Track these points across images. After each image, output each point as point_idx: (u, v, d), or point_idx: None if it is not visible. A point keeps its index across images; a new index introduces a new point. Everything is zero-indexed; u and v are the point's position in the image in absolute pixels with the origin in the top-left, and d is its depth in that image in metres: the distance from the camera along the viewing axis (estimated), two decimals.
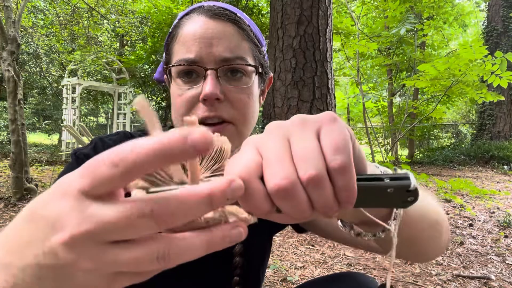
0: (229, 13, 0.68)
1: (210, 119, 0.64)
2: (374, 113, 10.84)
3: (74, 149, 0.76)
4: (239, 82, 0.66)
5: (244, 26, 0.68)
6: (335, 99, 5.10)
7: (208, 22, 0.65)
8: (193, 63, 0.64)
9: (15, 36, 4.23)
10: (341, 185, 0.30)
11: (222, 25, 0.66)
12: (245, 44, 0.67)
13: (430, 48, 11.93)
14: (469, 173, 7.83)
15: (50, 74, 13.15)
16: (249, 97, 0.67)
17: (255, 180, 0.29)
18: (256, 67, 0.68)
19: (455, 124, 16.08)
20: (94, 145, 0.70)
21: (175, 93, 0.67)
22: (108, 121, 19.36)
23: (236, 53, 0.65)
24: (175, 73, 0.67)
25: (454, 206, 4.25)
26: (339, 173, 0.29)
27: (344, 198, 0.30)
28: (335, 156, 0.29)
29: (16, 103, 4.23)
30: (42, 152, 10.33)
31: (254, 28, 0.72)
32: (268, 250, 0.91)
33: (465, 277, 2.32)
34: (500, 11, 11.05)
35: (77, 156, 0.69)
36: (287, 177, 0.28)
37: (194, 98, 0.65)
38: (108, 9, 10.90)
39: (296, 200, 0.29)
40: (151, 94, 7.28)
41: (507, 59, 4.28)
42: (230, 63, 0.64)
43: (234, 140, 0.65)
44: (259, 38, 0.73)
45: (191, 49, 0.64)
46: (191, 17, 0.68)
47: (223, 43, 0.64)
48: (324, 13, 4.78)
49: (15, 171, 4.25)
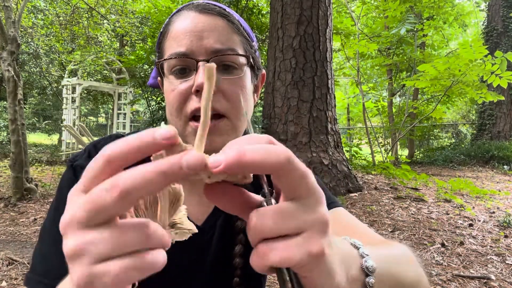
0: (218, 8, 0.68)
1: None
2: (374, 113, 10.85)
3: (68, 158, 0.75)
4: (231, 74, 0.66)
5: (234, 20, 0.69)
6: (335, 99, 5.10)
7: (198, 16, 0.66)
8: (184, 56, 0.64)
9: (15, 36, 4.23)
10: None
11: (212, 19, 0.66)
12: (235, 37, 0.67)
13: (430, 48, 11.93)
14: (469, 173, 7.83)
15: (50, 74, 13.15)
16: (242, 89, 0.67)
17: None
18: (247, 57, 0.68)
19: (455, 124, 16.08)
20: (89, 154, 0.70)
21: (168, 89, 0.67)
22: (108, 121, 19.37)
23: (227, 44, 0.65)
24: (167, 69, 0.67)
25: (454, 206, 4.25)
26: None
27: None
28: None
29: (16, 103, 4.23)
30: (42, 152, 10.34)
31: (244, 24, 0.73)
32: None
33: (465, 277, 2.32)
34: (500, 11, 11.05)
35: (74, 168, 0.68)
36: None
37: (187, 91, 0.64)
38: (108, 9, 10.90)
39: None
40: (151, 94, 7.28)
41: (507, 59, 4.28)
42: (221, 54, 0.64)
43: (229, 135, 0.65)
44: (249, 33, 0.73)
45: (182, 43, 0.64)
46: (181, 14, 0.68)
47: (213, 35, 0.65)
48: (324, 13, 4.78)
49: (15, 171, 4.25)
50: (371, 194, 4.57)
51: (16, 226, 3.54)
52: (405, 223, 3.51)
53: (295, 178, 0.29)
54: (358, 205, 4.04)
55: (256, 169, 0.28)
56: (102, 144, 0.72)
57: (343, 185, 4.49)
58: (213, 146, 0.62)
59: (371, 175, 5.90)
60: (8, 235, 3.31)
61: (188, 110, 0.64)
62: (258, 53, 0.77)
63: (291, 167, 0.28)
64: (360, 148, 7.93)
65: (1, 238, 3.24)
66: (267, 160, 0.27)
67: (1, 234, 3.34)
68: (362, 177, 5.53)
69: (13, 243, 3.09)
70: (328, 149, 4.62)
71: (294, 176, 0.29)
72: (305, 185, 0.29)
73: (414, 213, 3.88)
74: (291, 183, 0.29)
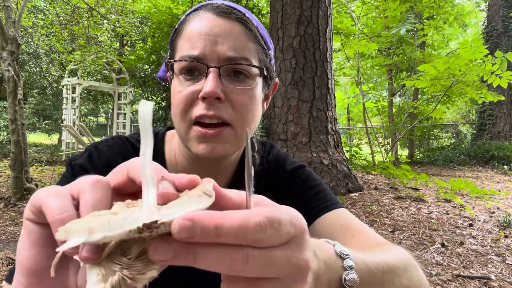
0: (237, 12, 0.66)
1: (208, 118, 0.62)
2: (374, 113, 10.85)
3: (68, 158, 0.75)
4: (242, 83, 0.64)
5: (252, 27, 0.66)
6: (335, 99, 5.10)
7: (215, 19, 0.64)
8: (196, 60, 0.62)
9: (15, 36, 4.23)
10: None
11: (229, 23, 0.64)
12: (251, 45, 0.65)
13: (430, 48, 11.93)
14: (469, 173, 7.83)
15: (50, 74, 13.15)
16: (251, 99, 0.65)
17: None
18: (260, 69, 0.66)
19: (455, 124, 16.08)
20: (89, 154, 0.70)
21: (175, 89, 0.66)
22: (108, 121, 19.37)
23: (241, 53, 0.63)
24: (177, 69, 0.65)
25: (454, 206, 4.25)
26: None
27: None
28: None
29: (16, 103, 4.23)
30: (42, 152, 10.34)
31: (262, 30, 0.70)
32: None
33: (465, 277, 2.32)
34: (500, 11, 11.05)
35: (72, 167, 0.68)
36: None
37: (194, 94, 0.63)
38: (108, 9, 10.90)
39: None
40: (151, 94, 7.28)
41: (507, 59, 4.28)
42: (233, 63, 0.63)
43: (232, 144, 0.64)
44: (266, 41, 0.70)
45: (195, 46, 0.63)
46: (198, 14, 0.66)
47: (228, 41, 0.63)
48: (324, 13, 4.78)
49: (15, 171, 4.25)
50: (371, 194, 4.57)
51: (16, 226, 3.54)
52: (405, 223, 3.52)
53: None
54: (358, 205, 4.04)
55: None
56: (104, 145, 0.72)
57: (343, 185, 4.49)
58: (213, 153, 0.62)
59: (371, 175, 5.90)
60: (8, 235, 3.32)
61: (193, 115, 0.63)
62: (273, 61, 0.75)
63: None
64: (360, 148, 7.93)
65: (1, 238, 3.24)
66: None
67: (1, 234, 3.34)
68: (362, 177, 5.53)
69: (13, 243, 3.10)
70: (328, 149, 4.62)
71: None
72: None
73: (414, 213, 3.88)
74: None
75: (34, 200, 0.33)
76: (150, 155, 0.29)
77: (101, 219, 0.27)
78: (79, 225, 0.27)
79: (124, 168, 0.35)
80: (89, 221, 0.27)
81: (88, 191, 0.31)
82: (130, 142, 0.74)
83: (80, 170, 0.67)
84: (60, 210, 0.30)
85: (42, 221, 0.33)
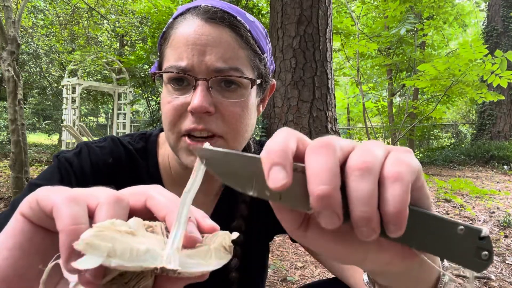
0: (228, 16, 0.62)
1: (198, 131, 0.61)
2: (374, 113, 10.86)
3: (58, 151, 0.73)
4: (233, 93, 0.62)
5: (243, 32, 0.63)
6: (335, 99, 5.11)
7: (203, 26, 0.61)
8: (183, 72, 0.60)
9: (15, 36, 4.23)
10: (389, 196, 0.26)
11: (219, 30, 0.61)
12: (242, 53, 0.62)
13: (430, 48, 11.94)
14: (469, 173, 7.83)
15: (50, 74, 13.14)
16: (243, 110, 0.63)
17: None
18: (252, 80, 0.63)
19: (455, 124, 16.08)
20: (80, 151, 0.68)
21: (165, 99, 0.64)
22: (108, 121, 19.38)
23: (231, 63, 0.60)
24: (166, 78, 0.64)
25: (454, 206, 4.25)
26: (390, 182, 0.26)
27: (390, 214, 0.26)
28: (393, 167, 0.27)
29: (16, 103, 4.23)
30: (42, 152, 10.33)
31: (256, 32, 0.67)
32: (266, 261, 0.89)
33: (465, 277, 2.32)
34: (500, 11, 11.05)
35: (59, 159, 0.67)
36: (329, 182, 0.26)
37: (183, 107, 0.61)
38: (108, 9, 10.90)
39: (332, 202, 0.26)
40: (151, 94, 7.29)
41: (507, 59, 4.27)
42: (223, 74, 0.60)
43: None
44: (260, 44, 0.67)
45: (183, 56, 0.60)
46: (186, 19, 0.63)
47: (217, 51, 0.60)
48: (324, 13, 4.79)
49: (15, 171, 4.25)
50: None
51: None
52: None
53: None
54: None
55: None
56: (95, 144, 0.71)
57: None
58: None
59: None
60: None
61: (182, 128, 0.62)
62: (269, 63, 0.72)
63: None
64: None
65: None
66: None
67: None
68: None
69: None
70: None
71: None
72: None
73: None
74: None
75: (42, 199, 0.29)
76: (193, 196, 0.30)
77: (123, 244, 0.25)
78: (101, 241, 0.25)
79: (142, 192, 0.33)
80: (111, 238, 0.25)
81: (107, 207, 0.29)
82: (122, 144, 0.73)
83: (65, 163, 0.66)
84: (75, 220, 0.27)
85: (41, 223, 0.30)
